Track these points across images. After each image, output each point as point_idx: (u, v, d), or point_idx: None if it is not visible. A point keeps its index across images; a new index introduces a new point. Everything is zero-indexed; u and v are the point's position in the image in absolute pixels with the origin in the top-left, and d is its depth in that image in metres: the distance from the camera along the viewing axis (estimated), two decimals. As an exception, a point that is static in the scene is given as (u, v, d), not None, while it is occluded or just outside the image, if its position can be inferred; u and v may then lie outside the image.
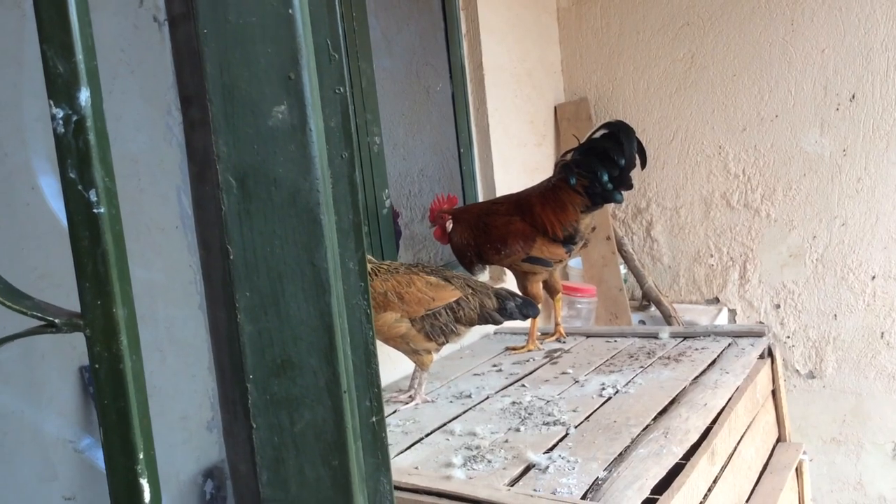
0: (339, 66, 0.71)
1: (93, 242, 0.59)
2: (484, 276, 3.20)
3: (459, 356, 2.63)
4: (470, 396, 2.14)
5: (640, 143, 2.39)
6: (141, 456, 0.61)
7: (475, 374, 2.37)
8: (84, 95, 0.58)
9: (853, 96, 3.10)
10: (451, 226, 2.54)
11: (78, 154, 0.58)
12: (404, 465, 1.69)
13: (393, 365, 2.38)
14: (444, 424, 1.94)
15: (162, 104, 0.97)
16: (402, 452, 1.79)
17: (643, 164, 2.40)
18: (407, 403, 2.11)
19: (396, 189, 3.46)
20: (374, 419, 0.75)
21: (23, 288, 0.65)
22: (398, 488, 1.57)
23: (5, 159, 1.39)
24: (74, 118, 0.58)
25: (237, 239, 0.66)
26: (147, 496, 0.61)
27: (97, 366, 0.60)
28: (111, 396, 0.60)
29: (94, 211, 0.59)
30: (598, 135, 2.44)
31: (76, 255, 0.59)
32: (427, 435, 1.88)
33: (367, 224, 2.56)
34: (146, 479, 0.61)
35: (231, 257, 0.66)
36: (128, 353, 0.60)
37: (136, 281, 0.63)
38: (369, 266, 2.00)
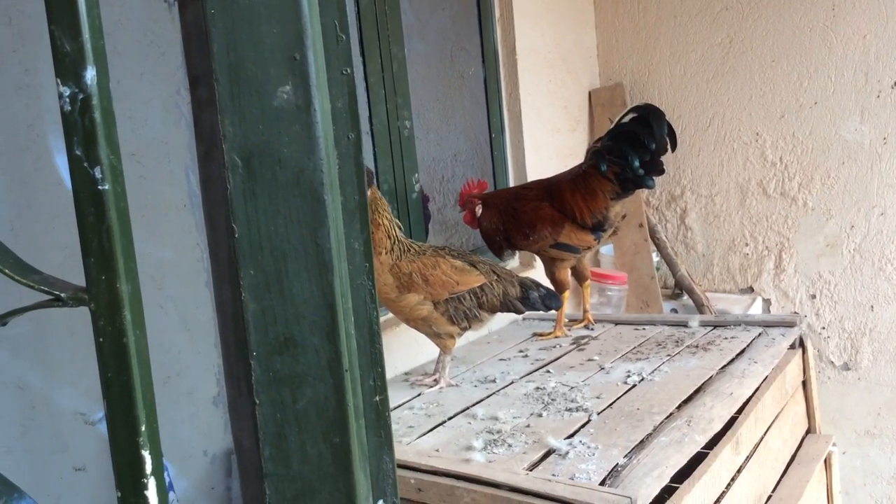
0: (347, 48, 0.71)
1: (98, 218, 0.60)
2: (514, 262, 3.20)
3: (486, 341, 2.64)
4: (494, 381, 2.14)
5: (669, 126, 2.36)
6: (143, 429, 0.62)
7: (501, 360, 2.37)
8: (90, 74, 0.59)
9: (895, 83, 3.02)
10: (480, 210, 2.54)
11: (84, 132, 0.59)
12: (425, 448, 1.71)
13: (419, 348, 2.39)
14: (467, 408, 1.94)
15: (171, 84, 0.98)
16: (423, 435, 1.80)
17: (673, 148, 2.37)
18: (432, 387, 2.12)
19: (430, 174, 3.47)
20: (377, 398, 0.75)
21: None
22: (418, 470, 1.58)
23: (37, 140, 1.42)
24: (81, 96, 0.59)
25: (242, 218, 0.67)
26: (149, 467, 0.62)
27: (101, 339, 0.61)
28: (115, 370, 0.61)
29: (99, 188, 0.60)
30: (627, 119, 2.42)
31: (81, 230, 0.60)
32: (450, 418, 1.89)
33: (397, 208, 2.57)
34: (148, 451, 0.62)
35: (236, 236, 0.67)
36: (131, 328, 0.61)
37: (145, 258, 0.64)
38: (403, 242, 2.01)
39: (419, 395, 2.09)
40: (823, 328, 3.34)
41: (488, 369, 2.27)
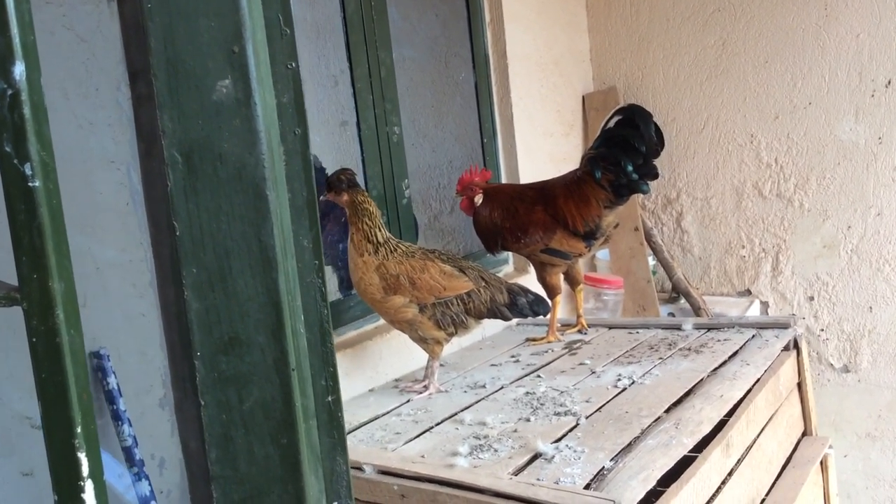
0: (291, 42, 0.70)
1: (28, 216, 0.59)
2: (508, 268, 3.18)
3: (479, 347, 2.62)
4: (484, 386, 2.12)
5: (656, 125, 2.34)
6: (79, 430, 0.61)
7: (492, 365, 2.36)
8: (19, 69, 0.58)
9: (889, 82, 3.00)
10: (480, 200, 2.51)
11: (13, 128, 0.58)
12: (410, 454, 1.69)
13: (410, 354, 2.38)
14: (455, 414, 1.93)
15: (112, 80, 0.97)
16: (410, 441, 1.78)
17: (661, 146, 2.35)
18: (421, 393, 2.10)
19: (426, 181, 3.45)
20: (329, 398, 0.74)
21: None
22: (402, 476, 1.57)
23: None
24: (9, 92, 0.58)
25: (183, 215, 0.65)
26: (86, 470, 0.61)
27: (34, 339, 0.60)
28: (48, 370, 0.60)
29: (30, 184, 0.59)
30: (613, 122, 2.40)
31: (13, 228, 0.59)
32: (437, 424, 1.87)
33: (387, 214, 2.55)
34: (84, 453, 0.61)
35: (177, 234, 0.66)
36: (65, 328, 0.60)
37: (88, 258, 0.63)
38: (391, 242, 2.00)
39: (408, 401, 2.08)
40: (822, 330, 3.31)
41: (479, 375, 2.25)
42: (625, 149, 2.36)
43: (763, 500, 1.98)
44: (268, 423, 0.67)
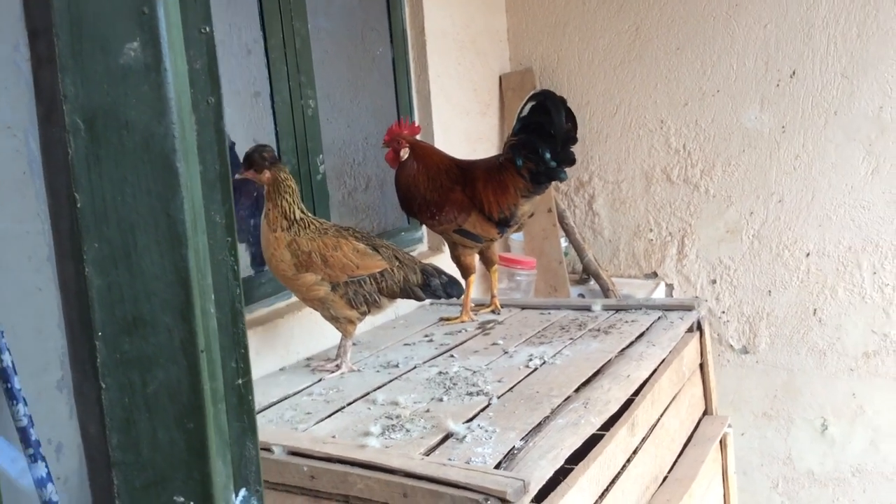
0: (205, 4, 0.66)
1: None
2: (422, 247, 3.17)
3: (392, 326, 2.61)
4: (397, 366, 2.11)
5: (569, 111, 2.36)
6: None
7: (405, 344, 2.34)
8: None
9: (794, 73, 3.11)
10: (406, 154, 2.46)
11: None
12: (321, 434, 1.67)
13: (322, 333, 2.34)
14: (367, 394, 1.91)
15: (10, 38, 0.88)
16: (321, 421, 1.76)
17: (574, 129, 2.37)
18: (333, 372, 2.08)
19: (340, 157, 3.40)
20: (240, 381, 0.71)
21: None
22: (312, 457, 1.54)
23: None
24: None
25: (85, 186, 0.61)
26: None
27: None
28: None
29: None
30: (527, 109, 2.40)
31: None
32: (349, 404, 1.85)
33: (301, 189, 2.50)
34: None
35: (79, 205, 0.61)
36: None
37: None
38: (305, 219, 1.96)
39: (319, 380, 2.05)
40: (723, 312, 3.42)
41: (392, 354, 2.24)
42: (541, 136, 2.36)
43: (665, 477, 2.04)
44: (173, 407, 0.64)
